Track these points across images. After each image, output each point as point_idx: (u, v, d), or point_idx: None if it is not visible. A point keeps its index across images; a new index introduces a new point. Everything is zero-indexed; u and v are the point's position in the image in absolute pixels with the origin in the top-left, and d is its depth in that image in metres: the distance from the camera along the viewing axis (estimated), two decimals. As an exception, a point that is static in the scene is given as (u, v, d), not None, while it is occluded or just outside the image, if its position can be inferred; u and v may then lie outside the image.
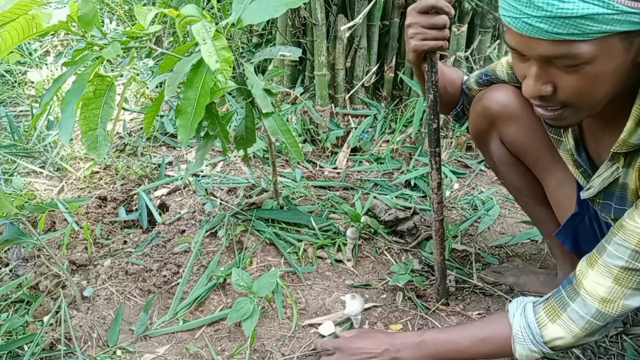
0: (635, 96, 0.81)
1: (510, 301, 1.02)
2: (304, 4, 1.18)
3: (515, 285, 1.44)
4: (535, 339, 0.94)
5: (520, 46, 0.78)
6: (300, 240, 1.61)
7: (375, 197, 1.80)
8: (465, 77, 1.30)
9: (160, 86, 2.46)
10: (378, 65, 2.25)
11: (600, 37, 0.71)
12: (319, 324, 1.37)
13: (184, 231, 1.66)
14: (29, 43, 3.04)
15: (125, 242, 1.68)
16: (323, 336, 1.31)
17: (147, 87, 2.54)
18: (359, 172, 2.04)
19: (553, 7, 0.70)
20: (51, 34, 2.96)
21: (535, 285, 1.42)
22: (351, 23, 1.85)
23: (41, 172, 2.02)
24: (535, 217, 1.36)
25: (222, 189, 1.83)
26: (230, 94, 2.26)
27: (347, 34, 2.06)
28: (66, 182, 1.96)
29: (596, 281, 0.88)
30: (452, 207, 1.85)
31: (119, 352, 1.29)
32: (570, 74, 0.77)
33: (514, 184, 1.32)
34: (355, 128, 2.20)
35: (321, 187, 1.93)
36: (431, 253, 1.59)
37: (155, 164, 2.06)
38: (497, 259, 1.60)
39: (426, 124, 1.16)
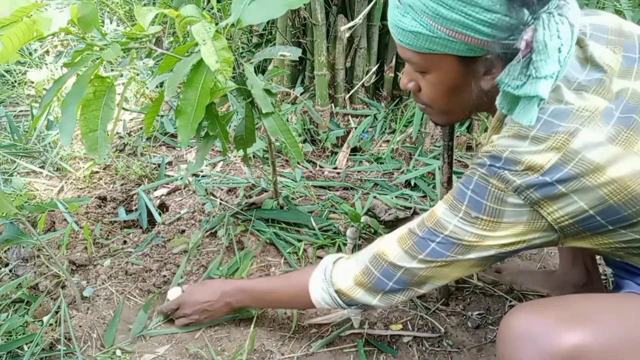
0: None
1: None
2: (304, 4, 1.18)
3: (513, 284, 1.44)
4: (325, 277, 1.07)
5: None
6: (300, 240, 1.61)
7: (375, 197, 1.80)
8: None
9: (160, 86, 2.45)
10: (378, 65, 2.25)
11: (432, 53, 0.85)
12: (319, 324, 1.37)
13: (183, 231, 1.66)
14: (29, 43, 3.04)
15: (125, 242, 1.68)
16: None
17: (147, 88, 2.54)
18: (359, 172, 2.04)
19: (395, 18, 0.86)
20: (52, 35, 2.95)
21: (534, 284, 1.43)
22: (351, 23, 1.85)
23: (41, 172, 2.02)
24: None
25: (222, 189, 1.83)
26: (230, 93, 2.27)
27: (347, 34, 2.06)
28: (66, 182, 1.96)
29: (388, 237, 1.01)
30: (452, 207, 1.85)
31: (118, 352, 1.29)
32: (422, 78, 0.92)
33: None
34: (355, 128, 2.20)
35: (321, 187, 1.93)
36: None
37: (155, 164, 2.06)
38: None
39: None
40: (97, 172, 2.01)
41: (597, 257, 1.34)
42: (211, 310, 1.28)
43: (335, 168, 2.07)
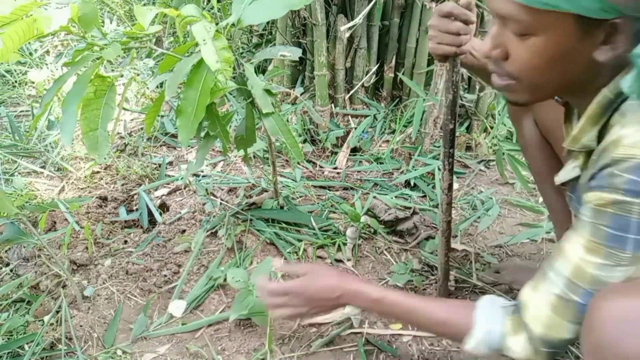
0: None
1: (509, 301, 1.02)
2: (304, 4, 1.19)
3: (514, 284, 1.44)
4: (492, 346, 0.91)
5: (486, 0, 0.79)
6: (300, 240, 1.62)
7: (375, 197, 1.80)
8: None
9: (161, 86, 2.46)
10: (378, 65, 2.25)
11: (549, 10, 0.70)
12: (320, 324, 1.37)
13: (184, 231, 1.66)
14: (29, 43, 3.05)
15: (125, 241, 1.68)
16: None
17: (148, 88, 2.54)
18: (358, 172, 2.05)
19: None
20: (52, 35, 2.96)
21: None
22: (351, 23, 1.85)
23: (42, 172, 2.03)
24: (551, 205, 1.34)
25: (222, 189, 1.83)
26: (230, 93, 2.27)
27: (347, 34, 2.06)
28: (67, 182, 1.97)
29: (537, 306, 0.84)
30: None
31: (119, 352, 1.29)
32: (520, 43, 0.76)
33: (537, 166, 1.30)
34: (355, 128, 2.20)
35: (321, 187, 1.93)
36: (431, 253, 1.60)
37: (155, 164, 2.07)
38: (497, 259, 1.60)
39: (443, 123, 1.15)
40: (98, 172, 2.02)
41: None
42: (324, 308, 1.10)
43: (335, 168, 2.08)
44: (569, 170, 0.91)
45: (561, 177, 0.94)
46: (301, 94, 2.31)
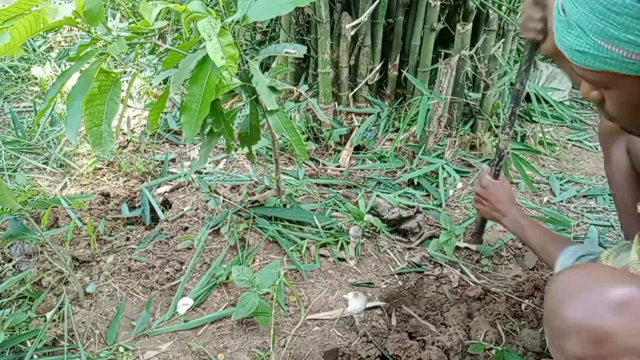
0: None
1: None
2: (311, 1, 1.18)
3: None
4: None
5: None
6: (302, 238, 1.61)
7: (378, 196, 1.79)
8: None
9: (164, 83, 2.45)
10: (382, 63, 2.24)
11: (608, 72, 0.73)
12: (321, 320, 1.36)
13: (186, 228, 1.66)
14: (33, 40, 3.04)
15: (128, 238, 1.68)
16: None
17: (151, 84, 2.54)
18: (362, 170, 2.04)
19: (560, 33, 0.77)
20: (55, 31, 2.96)
21: None
22: (356, 21, 1.84)
23: (44, 168, 2.02)
24: (628, 232, 1.32)
25: (225, 187, 1.82)
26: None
27: (352, 32, 2.05)
28: (69, 179, 1.96)
29: None
30: (455, 206, 1.85)
31: (121, 349, 1.29)
32: (605, 92, 0.79)
33: (624, 196, 1.29)
34: (359, 126, 2.19)
35: (324, 185, 1.93)
36: (435, 252, 1.59)
37: (158, 161, 2.06)
38: (499, 257, 1.60)
39: (515, 83, 1.30)
40: (100, 168, 2.01)
41: None
42: (492, 214, 1.39)
43: (339, 166, 2.07)
44: None
45: None
46: (305, 92, 2.30)
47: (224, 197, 1.76)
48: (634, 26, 0.66)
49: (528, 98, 2.39)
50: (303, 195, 1.85)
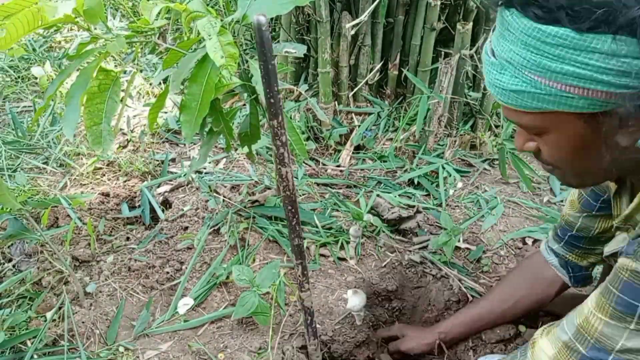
0: None
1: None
2: (310, 0, 1.18)
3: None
4: None
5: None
6: (303, 238, 1.61)
7: (378, 196, 1.79)
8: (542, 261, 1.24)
9: (164, 82, 2.44)
10: (382, 63, 2.24)
11: (546, 112, 0.69)
12: (322, 320, 1.36)
13: (186, 228, 1.65)
14: (33, 39, 3.04)
15: (128, 238, 1.68)
16: None
17: (151, 84, 2.53)
18: (362, 170, 2.04)
19: (492, 77, 0.72)
20: (55, 30, 2.96)
21: (558, 308, 1.31)
22: (356, 21, 1.84)
23: (45, 168, 2.02)
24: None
25: (225, 186, 1.82)
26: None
27: (352, 32, 2.05)
28: (69, 178, 1.96)
29: (543, 349, 0.85)
30: (455, 206, 1.85)
31: (121, 349, 1.29)
32: (541, 139, 0.76)
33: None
34: (359, 126, 2.19)
35: (324, 184, 1.92)
36: (434, 252, 1.59)
37: (158, 160, 2.06)
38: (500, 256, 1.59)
39: None
40: (100, 168, 2.01)
41: None
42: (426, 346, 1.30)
43: (339, 166, 2.07)
44: (620, 241, 0.90)
45: (611, 247, 0.93)
46: (305, 91, 2.30)
47: (224, 196, 1.76)
48: (570, 57, 0.63)
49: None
50: (303, 195, 1.85)
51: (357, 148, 2.16)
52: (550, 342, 0.84)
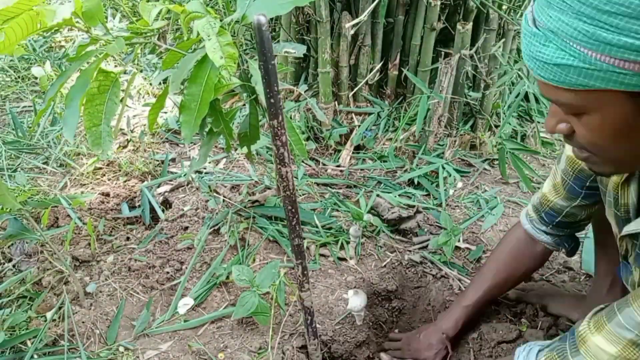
0: None
1: (519, 346, 1.01)
2: (310, 1, 1.18)
3: (538, 304, 1.38)
4: None
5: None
6: (303, 238, 1.61)
7: (378, 196, 1.79)
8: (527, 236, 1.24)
9: (164, 83, 2.45)
10: (382, 62, 2.24)
11: (590, 90, 0.64)
12: (322, 320, 1.36)
13: (187, 228, 1.66)
14: (33, 40, 3.04)
15: (128, 238, 1.68)
16: None
17: (151, 84, 2.54)
18: (362, 170, 2.04)
19: (534, 49, 0.66)
20: (54, 30, 2.96)
21: (559, 308, 1.35)
22: (356, 20, 1.84)
23: (45, 168, 2.02)
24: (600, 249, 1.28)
25: (225, 186, 1.82)
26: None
27: (352, 32, 2.05)
28: (69, 178, 1.96)
29: (601, 346, 0.83)
30: (455, 206, 1.85)
31: (121, 349, 1.29)
32: (578, 121, 0.71)
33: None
34: (359, 126, 2.19)
35: (324, 184, 1.92)
36: (434, 252, 1.59)
37: (158, 160, 2.06)
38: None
39: None
40: (100, 168, 2.01)
41: None
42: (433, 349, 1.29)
43: (339, 166, 2.07)
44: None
45: (631, 227, 0.89)
46: (305, 91, 2.30)
47: (224, 196, 1.76)
48: (631, 27, 0.57)
49: (527, 98, 2.39)
50: (303, 194, 1.85)
51: (357, 148, 2.16)
52: (608, 339, 0.82)
